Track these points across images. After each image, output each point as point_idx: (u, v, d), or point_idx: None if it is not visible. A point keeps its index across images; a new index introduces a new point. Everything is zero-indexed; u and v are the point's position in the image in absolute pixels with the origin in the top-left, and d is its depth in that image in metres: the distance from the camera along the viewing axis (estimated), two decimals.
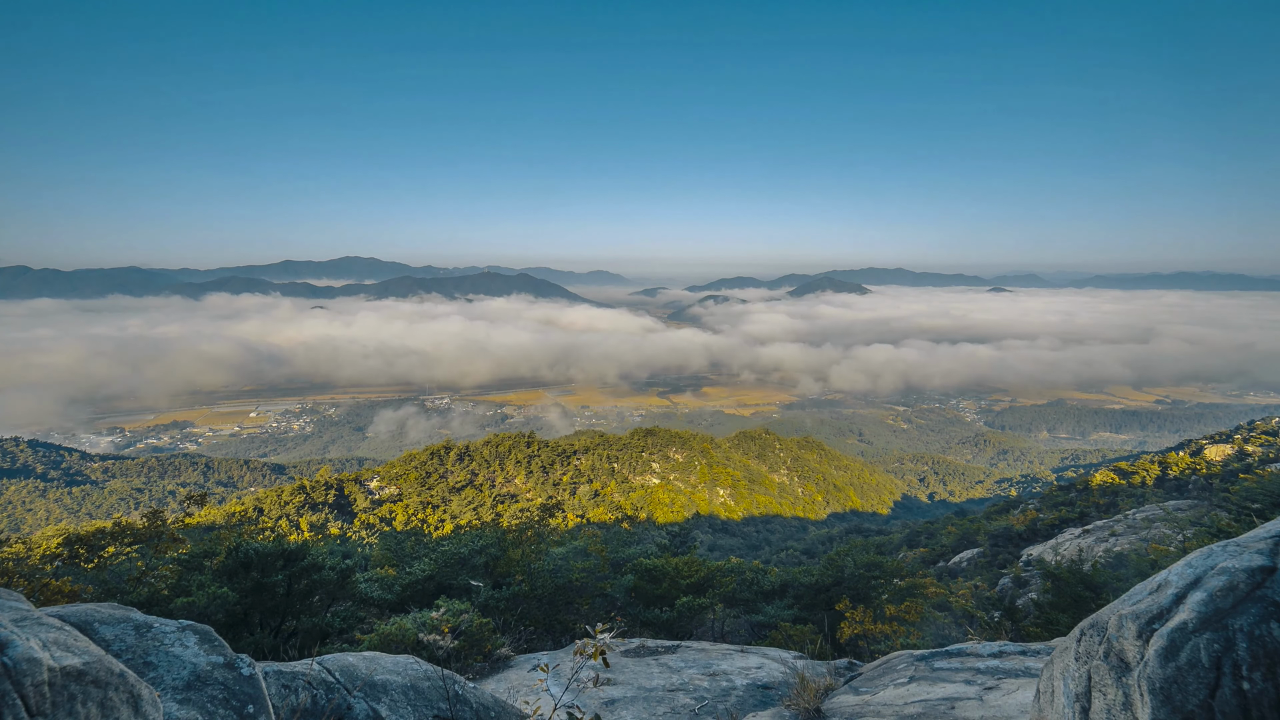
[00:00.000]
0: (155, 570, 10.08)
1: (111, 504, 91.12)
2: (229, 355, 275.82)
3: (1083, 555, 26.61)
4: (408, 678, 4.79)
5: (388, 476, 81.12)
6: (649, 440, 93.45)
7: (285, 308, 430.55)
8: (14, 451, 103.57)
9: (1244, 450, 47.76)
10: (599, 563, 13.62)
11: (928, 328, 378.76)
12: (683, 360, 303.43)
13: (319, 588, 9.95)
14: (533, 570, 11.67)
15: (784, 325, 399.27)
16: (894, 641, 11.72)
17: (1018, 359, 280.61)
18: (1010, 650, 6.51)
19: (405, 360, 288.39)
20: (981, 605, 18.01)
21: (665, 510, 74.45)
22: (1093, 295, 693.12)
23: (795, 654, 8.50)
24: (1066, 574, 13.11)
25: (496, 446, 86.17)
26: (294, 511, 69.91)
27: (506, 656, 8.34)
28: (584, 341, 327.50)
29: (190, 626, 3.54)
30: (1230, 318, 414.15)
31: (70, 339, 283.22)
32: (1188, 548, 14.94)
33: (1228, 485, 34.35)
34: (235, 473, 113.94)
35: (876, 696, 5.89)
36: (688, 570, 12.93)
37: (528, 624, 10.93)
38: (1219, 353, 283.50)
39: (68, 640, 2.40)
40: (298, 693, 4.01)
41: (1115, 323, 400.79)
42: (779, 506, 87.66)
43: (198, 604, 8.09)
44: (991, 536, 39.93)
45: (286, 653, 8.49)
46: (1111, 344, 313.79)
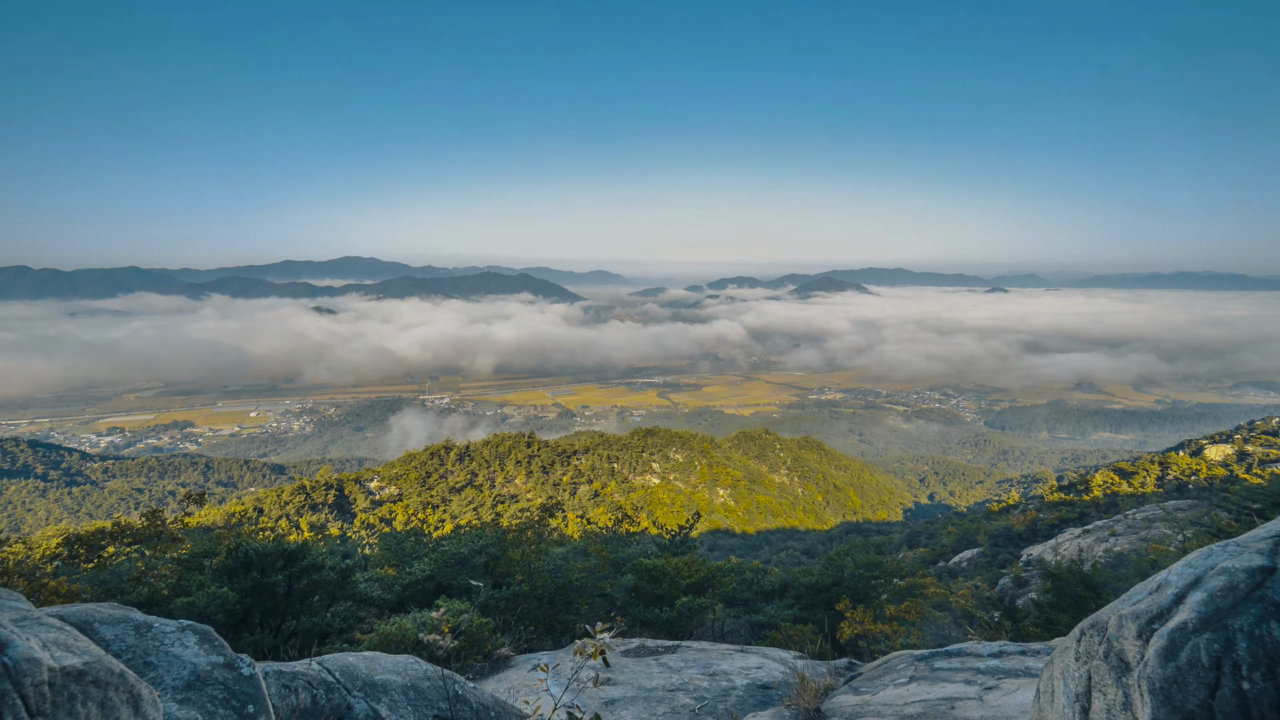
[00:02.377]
0: (155, 570, 10.08)
1: (111, 504, 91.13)
2: (229, 355, 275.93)
3: (1083, 555, 26.62)
4: (408, 678, 4.79)
5: (388, 476, 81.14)
6: (649, 440, 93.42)
7: (285, 307, 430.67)
8: (14, 451, 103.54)
9: (1244, 450, 47.79)
10: (599, 563, 13.63)
11: (928, 327, 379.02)
12: (683, 358, 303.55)
13: (319, 588, 9.95)
14: (533, 570, 11.66)
15: (784, 325, 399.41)
16: (894, 641, 11.72)
17: (1017, 357, 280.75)
18: (1010, 650, 6.51)
19: (405, 360, 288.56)
20: (981, 605, 18.02)
21: (665, 510, 74.41)
22: (1093, 295, 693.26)
23: (795, 654, 8.50)
24: (1066, 574, 13.12)
25: (496, 446, 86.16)
26: (294, 511, 69.94)
27: (506, 656, 8.34)
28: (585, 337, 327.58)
29: (190, 626, 3.54)
30: (1230, 317, 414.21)
31: (70, 339, 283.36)
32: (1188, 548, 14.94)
33: (1228, 485, 34.36)
34: (235, 473, 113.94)
35: (876, 696, 5.89)
36: (688, 570, 12.93)
37: (528, 624, 10.93)
38: (1219, 352, 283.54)
39: (68, 640, 2.40)
40: (298, 693, 4.01)
41: (1115, 322, 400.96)
42: (778, 507, 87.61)
43: (198, 604, 8.09)
44: (991, 536, 39.95)
45: (286, 653, 8.48)
46: (1112, 344, 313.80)
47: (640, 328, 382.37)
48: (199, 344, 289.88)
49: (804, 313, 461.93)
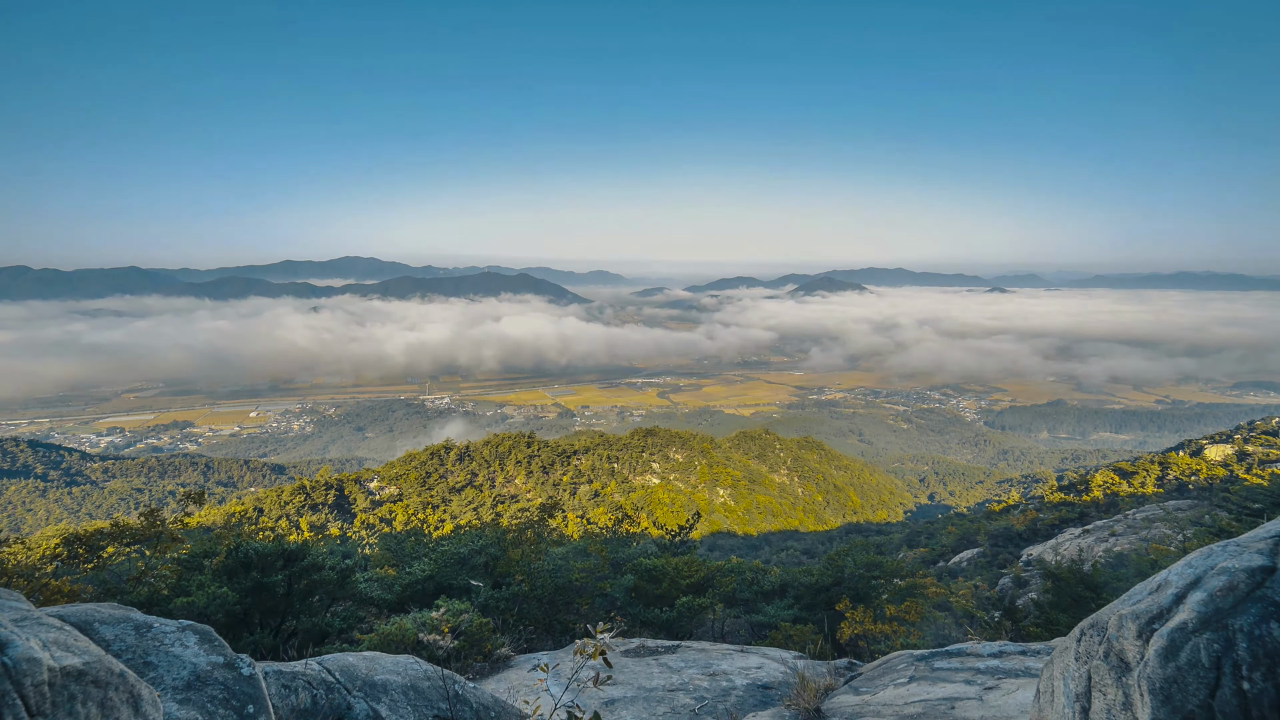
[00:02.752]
0: (155, 570, 10.08)
1: (111, 504, 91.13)
2: (228, 355, 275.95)
3: (1083, 555, 26.63)
4: (408, 678, 4.79)
5: (388, 476, 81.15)
6: (649, 440, 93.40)
7: (285, 308, 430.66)
8: (14, 451, 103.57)
9: (1244, 450, 47.79)
10: (599, 563, 13.63)
11: (929, 325, 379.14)
12: (683, 358, 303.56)
13: (319, 588, 9.95)
14: (533, 570, 11.66)
15: (784, 325, 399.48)
16: (894, 641, 11.71)
17: (1017, 357, 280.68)
18: (1010, 650, 6.51)
19: (405, 360, 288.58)
20: (981, 605, 18.03)
21: (665, 510, 74.39)
22: (1093, 295, 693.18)
23: (795, 654, 8.49)
24: (1066, 574, 13.12)
25: (496, 446, 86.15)
26: (294, 512, 69.94)
27: (506, 656, 8.34)
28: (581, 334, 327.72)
29: (190, 626, 3.54)
30: (1230, 317, 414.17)
31: (70, 339, 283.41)
32: (1188, 548, 14.95)
33: (1228, 485, 34.35)
34: (235, 473, 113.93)
35: (876, 696, 5.89)
36: (688, 570, 12.93)
37: (528, 624, 10.93)
38: (1219, 352, 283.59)
39: (68, 640, 2.40)
40: (298, 693, 4.01)
41: (1115, 321, 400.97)
42: (778, 507, 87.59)
43: (198, 604, 8.09)
44: (991, 536, 39.98)
45: (286, 653, 8.48)
46: (1111, 344, 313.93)
47: (640, 328, 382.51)
48: (199, 344, 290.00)
49: (804, 312, 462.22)
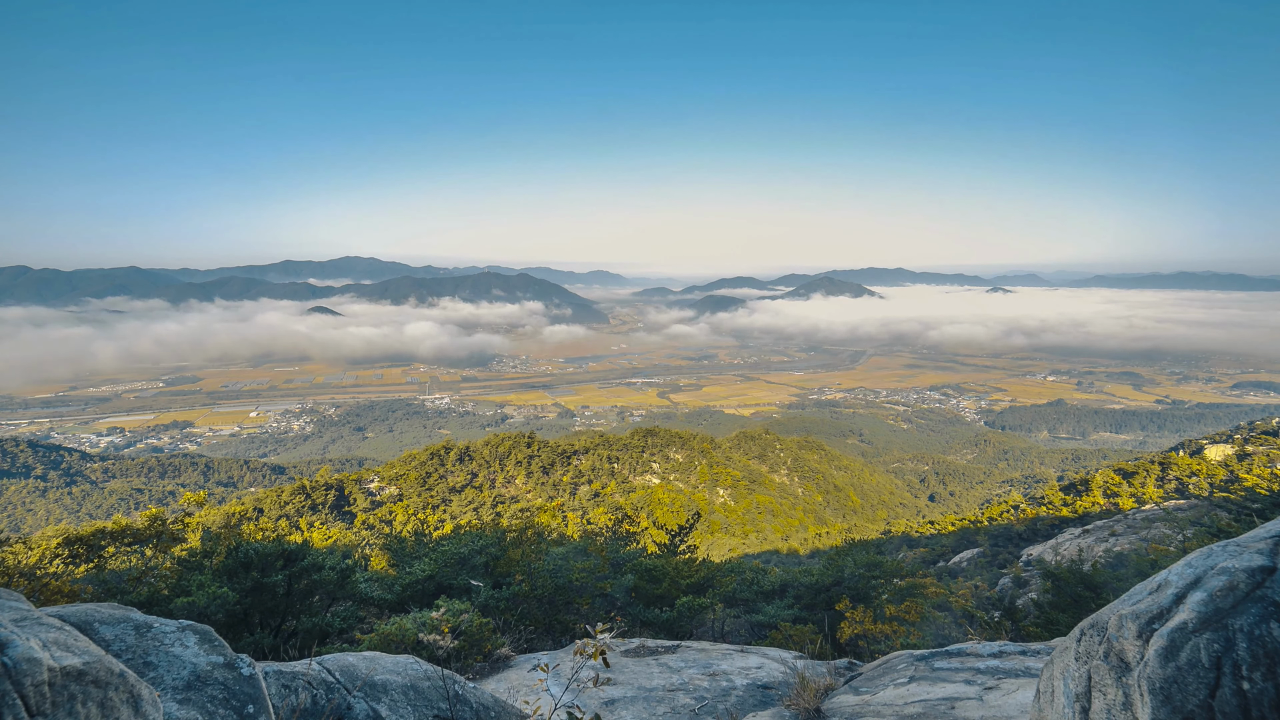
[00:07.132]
0: (155, 570, 10.08)
1: (111, 504, 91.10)
2: (228, 355, 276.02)
3: (1083, 555, 26.62)
4: (408, 678, 4.79)
5: (388, 477, 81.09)
6: (649, 440, 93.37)
7: (285, 307, 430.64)
8: (14, 452, 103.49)
9: (1244, 450, 47.78)
10: (599, 563, 13.62)
11: (929, 325, 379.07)
12: (683, 358, 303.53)
13: (319, 588, 9.95)
14: (533, 570, 11.66)
15: (784, 325, 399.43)
16: (894, 641, 11.70)
17: (1016, 356, 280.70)
18: (1010, 650, 6.51)
19: (406, 360, 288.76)
20: (981, 605, 18.01)
21: (665, 510, 74.36)
22: (1093, 295, 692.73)
23: (795, 654, 8.49)
24: (1066, 574, 13.12)
25: (496, 447, 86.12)
26: (294, 512, 69.89)
27: (506, 656, 8.34)
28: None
29: (190, 626, 3.54)
30: (1230, 317, 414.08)
31: (70, 339, 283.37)
32: (1188, 548, 14.94)
33: (1228, 485, 34.35)
34: (235, 473, 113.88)
35: (876, 696, 5.89)
36: (688, 570, 12.93)
37: (528, 624, 10.93)
38: (1219, 352, 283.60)
39: (68, 640, 2.40)
40: (298, 693, 4.01)
41: (1115, 321, 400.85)
42: (778, 507, 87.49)
43: (198, 604, 8.09)
44: (991, 536, 39.97)
45: (286, 653, 8.48)
46: (1111, 343, 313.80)
47: (640, 328, 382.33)
48: (199, 344, 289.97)
49: (803, 312, 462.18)
